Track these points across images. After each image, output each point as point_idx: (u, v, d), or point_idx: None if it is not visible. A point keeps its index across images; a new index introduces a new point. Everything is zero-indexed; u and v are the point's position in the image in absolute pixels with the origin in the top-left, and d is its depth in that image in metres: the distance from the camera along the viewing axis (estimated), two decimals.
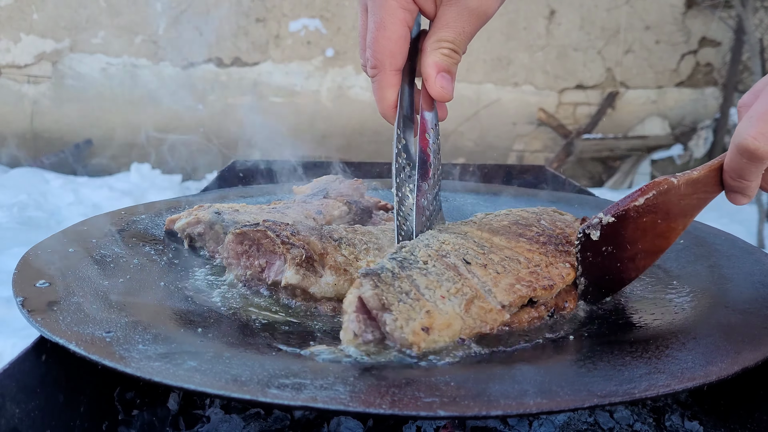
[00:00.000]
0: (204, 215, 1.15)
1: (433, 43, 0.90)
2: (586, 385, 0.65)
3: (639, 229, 0.89)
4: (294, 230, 0.98)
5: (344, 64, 6.15)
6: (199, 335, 0.78)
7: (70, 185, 5.55)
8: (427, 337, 0.76)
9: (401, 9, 0.89)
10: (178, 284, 0.99)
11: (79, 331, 0.75)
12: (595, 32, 6.15)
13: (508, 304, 0.84)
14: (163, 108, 5.95)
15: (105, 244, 1.08)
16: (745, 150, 0.79)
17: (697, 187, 0.88)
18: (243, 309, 0.93)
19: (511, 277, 0.87)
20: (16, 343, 2.81)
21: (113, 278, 0.95)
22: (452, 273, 0.85)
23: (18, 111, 5.96)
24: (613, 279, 0.93)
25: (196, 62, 6.09)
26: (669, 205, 0.88)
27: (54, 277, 0.91)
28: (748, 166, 0.81)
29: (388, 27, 0.89)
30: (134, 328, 0.77)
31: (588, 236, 0.90)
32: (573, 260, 0.93)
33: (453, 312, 0.80)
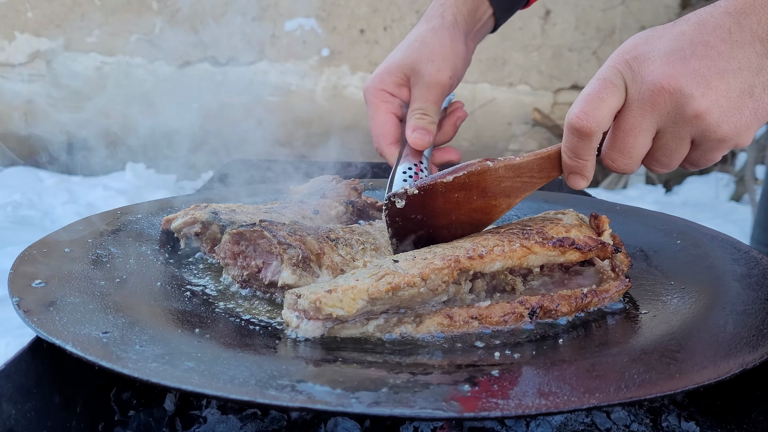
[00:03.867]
0: (200, 215, 1.15)
1: (409, 114, 1.25)
2: (585, 386, 0.65)
3: (450, 203, 0.97)
4: (290, 230, 0.97)
5: (340, 63, 6.14)
6: (196, 336, 0.78)
7: (64, 184, 5.53)
8: (328, 296, 0.80)
9: (383, 103, 1.27)
10: (175, 284, 0.99)
11: (75, 331, 0.74)
12: (591, 33, 6.15)
13: (419, 274, 0.85)
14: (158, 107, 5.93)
15: (101, 243, 1.07)
16: (572, 127, 0.89)
17: (521, 172, 0.97)
18: (240, 309, 0.93)
19: (435, 259, 0.89)
20: (10, 343, 2.79)
21: (109, 278, 0.94)
22: (374, 269, 0.89)
23: (12, 109, 5.93)
24: (426, 241, 1.01)
25: (191, 61, 6.07)
26: (485, 185, 0.96)
27: (50, 277, 0.91)
28: (578, 143, 0.90)
29: (376, 117, 1.27)
30: (131, 329, 0.77)
31: (393, 203, 0.98)
32: (529, 243, 0.94)
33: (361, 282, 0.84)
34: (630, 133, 0.87)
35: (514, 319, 0.87)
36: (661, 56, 0.84)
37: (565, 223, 1.08)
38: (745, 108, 0.84)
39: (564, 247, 0.98)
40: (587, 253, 1.00)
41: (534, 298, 0.89)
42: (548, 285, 0.99)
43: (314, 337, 0.81)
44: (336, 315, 0.82)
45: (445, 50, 1.26)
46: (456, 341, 0.84)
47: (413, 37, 1.29)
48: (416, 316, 0.86)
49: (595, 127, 0.87)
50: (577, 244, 0.99)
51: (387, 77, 1.27)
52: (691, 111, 0.83)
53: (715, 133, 0.85)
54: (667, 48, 0.84)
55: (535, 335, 0.86)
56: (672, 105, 0.84)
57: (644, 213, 1.35)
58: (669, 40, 0.85)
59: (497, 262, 0.93)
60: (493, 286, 0.98)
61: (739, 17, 0.83)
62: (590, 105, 0.87)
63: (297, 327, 0.82)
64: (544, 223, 1.06)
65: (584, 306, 0.93)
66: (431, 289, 0.88)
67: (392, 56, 1.30)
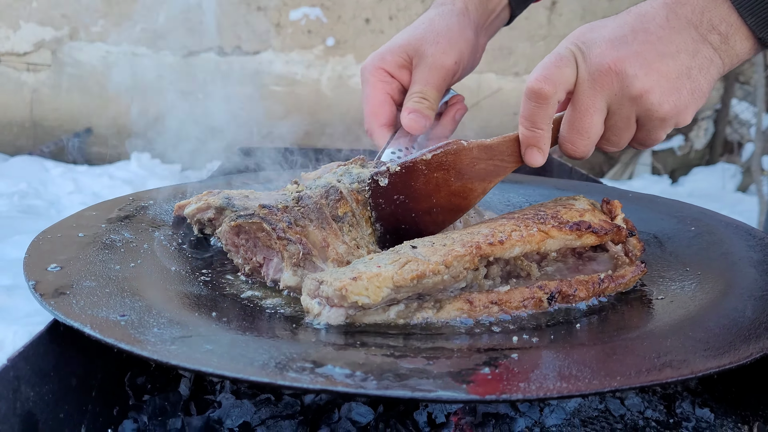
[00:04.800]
0: (213, 200, 1.14)
1: (407, 97, 1.20)
2: (605, 369, 0.65)
3: (431, 184, 0.98)
4: (291, 220, 0.96)
5: (345, 53, 6.12)
6: (213, 319, 0.78)
7: (69, 174, 5.53)
8: (354, 283, 0.80)
9: (380, 82, 1.21)
10: (189, 269, 0.99)
11: (93, 314, 0.74)
12: None
13: (442, 261, 0.85)
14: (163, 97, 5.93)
15: (114, 229, 1.07)
16: (531, 91, 0.92)
17: (493, 154, 0.99)
18: (259, 294, 0.93)
19: (455, 245, 0.89)
20: (17, 331, 2.81)
21: (124, 263, 0.94)
22: (393, 255, 0.88)
23: (17, 99, 5.94)
24: (410, 229, 1.01)
25: (196, 51, 6.06)
26: (461, 166, 0.98)
27: (65, 261, 0.91)
28: (536, 110, 0.93)
29: (371, 96, 1.21)
30: (148, 312, 0.77)
31: (377, 182, 0.98)
32: (546, 227, 0.95)
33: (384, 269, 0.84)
34: (586, 113, 0.93)
35: (533, 304, 0.87)
36: (606, 41, 0.90)
37: (578, 207, 1.07)
38: (683, 88, 0.90)
39: (581, 230, 0.98)
40: (603, 237, 1.00)
41: (552, 283, 0.89)
42: (563, 271, 0.99)
43: (336, 324, 0.81)
44: (361, 303, 0.81)
45: (452, 34, 1.22)
46: (474, 326, 0.84)
47: (420, 20, 1.26)
48: (436, 301, 0.85)
49: (553, 90, 0.91)
50: (594, 228, 0.99)
51: (388, 56, 1.22)
52: (635, 91, 0.90)
53: (657, 113, 0.91)
54: (611, 35, 0.91)
55: (552, 320, 0.86)
56: (618, 85, 0.90)
57: (657, 200, 1.35)
58: (612, 28, 0.92)
59: (516, 247, 0.93)
60: (507, 271, 0.97)
61: (675, 6, 0.90)
62: (548, 70, 0.91)
63: (318, 314, 0.81)
64: (557, 209, 1.06)
65: (601, 291, 0.92)
66: (453, 276, 0.88)
67: (396, 37, 1.25)
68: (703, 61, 0.90)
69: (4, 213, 4.61)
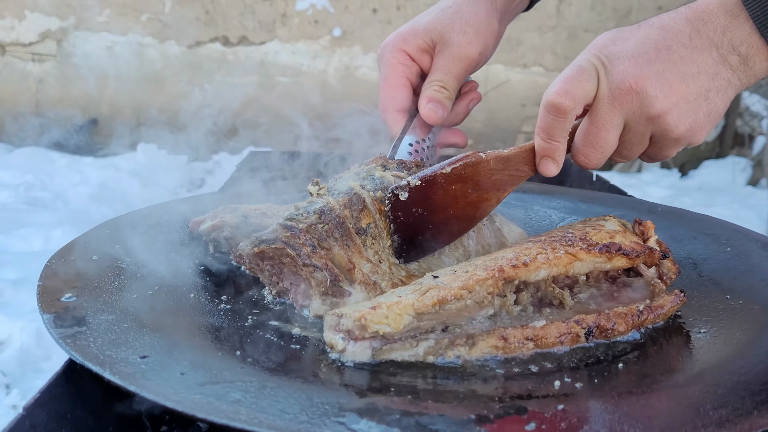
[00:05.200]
0: (230, 218, 1.11)
1: (426, 84, 1.16)
2: (660, 425, 0.61)
3: (449, 196, 0.97)
4: (315, 242, 0.92)
5: (352, 43, 6.06)
6: (237, 359, 0.74)
7: (75, 165, 5.50)
8: (373, 312, 0.77)
9: (400, 65, 1.17)
10: (208, 295, 0.95)
11: (112, 355, 0.70)
12: (607, 13, 6.04)
13: (463, 286, 0.82)
14: (168, 87, 5.88)
15: (129, 249, 1.03)
16: (551, 105, 0.90)
17: (508, 164, 0.98)
18: (277, 323, 0.89)
19: (477, 270, 0.86)
20: (24, 327, 2.78)
21: (142, 290, 0.90)
22: (415, 285, 0.86)
23: (23, 89, 5.89)
24: (427, 240, 1.00)
25: (202, 41, 6.00)
26: (478, 177, 0.97)
27: (79, 290, 0.87)
28: (554, 123, 0.92)
29: (389, 78, 1.17)
30: (170, 352, 0.73)
31: (396, 196, 0.96)
32: (574, 250, 0.92)
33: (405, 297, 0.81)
34: (603, 128, 0.92)
35: (570, 340, 0.83)
36: (629, 57, 0.89)
37: (608, 229, 1.03)
38: (700, 110, 0.91)
39: (611, 252, 0.94)
40: (634, 259, 0.96)
41: (590, 317, 0.85)
42: (597, 297, 0.95)
43: (362, 360, 0.77)
44: (383, 332, 0.78)
45: (480, 23, 1.18)
46: (510, 364, 0.79)
47: (447, 3, 1.20)
48: (468, 337, 0.81)
49: (573, 105, 0.90)
50: (624, 250, 0.95)
51: (411, 38, 1.17)
52: (654, 111, 0.89)
53: (673, 133, 0.92)
54: (634, 50, 0.89)
55: (591, 357, 0.82)
56: (638, 104, 0.89)
57: (687, 215, 1.30)
58: (636, 43, 0.90)
59: (542, 269, 0.89)
60: (539, 298, 0.94)
61: (698, 24, 0.89)
62: (569, 84, 0.90)
63: (343, 350, 0.78)
64: (586, 230, 1.02)
65: (640, 324, 0.88)
66: (477, 301, 0.84)
67: (420, 18, 1.20)
68: (721, 83, 0.90)
69: (10, 205, 4.58)
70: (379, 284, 0.92)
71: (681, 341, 0.86)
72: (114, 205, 4.70)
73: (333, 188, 1.01)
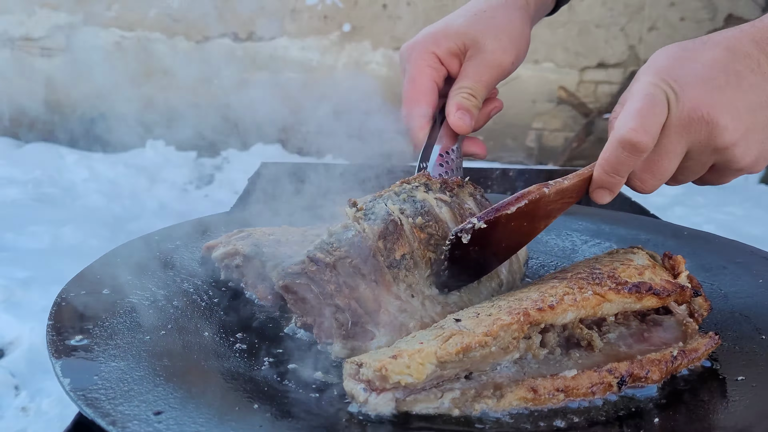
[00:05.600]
0: (243, 247, 1.07)
1: (455, 90, 1.11)
2: None
3: (506, 232, 0.94)
4: (341, 281, 0.88)
5: (361, 39, 6.01)
6: (256, 415, 0.70)
7: (84, 161, 5.48)
8: (394, 362, 0.74)
9: (429, 68, 1.11)
10: (223, 333, 0.92)
11: (124, 411, 0.67)
12: (618, 8, 5.96)
13: (488, 332, 0.78)
14: (177, 83, 5.85)
15: (140, 281, 1.00)
16: (627, 142, 0.85)
17: (565, 195, 0.95)
18: (294, 365, 0.86)
19: (501, 314, 0.83)
20: (34, 327, 2.77)
21: (154, 330, 0.87)
22: (437, 330, 0.83)
23: (32, 84, 5.87)
24: (475, 270, 0.98)
25: (211, 36, 5.97)
26: (536, 211, 0.94)
27: (90, 331, 0.84)
28: (626, 160, 0.87)
29: (417, 80, 1.11)
30: (185, 407, 0.70)
31: (459, 239, 0.92)
32: (603, 290, 0.88)
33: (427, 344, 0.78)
34: (666, 156, 0.88)
35: (602, 390, 0.79)
36: (699, 83, 0.85)
37: (637, 264, 1.00)
38: (767, 142, 0.88)
39: (641, 293, 0.90)
40: (665, 299, 0.92)
41: (623, 365, 0.81)
42: (626, 338, 0.91)
43: (385, 414, 0.74)
44: (404, 383, 0.74)
45: (514, 30, 1.13)
46: (536, 418, 0.76)
47: (480, 7, 1.15)
48: (495, 387, 0.78)
49: (651, 143, 0.85)
50: (655, 289, 0.91)
51: (443, 40, 1.12)
52: (721, 143, 0.86)
53: (737, 164, 0.89)
54: (703, 74, 0.85)
55: (623, 409, 0.78)
56: (706, 134, 0.86)
57: (715, 241, 1.26)
58: (704, 66, 0.86)
59: (569, 312, 0.86)
60: (565, 338, 0.90)
61: (765, 46, 0.86)
62: (646, 120, 0.85)
63: (365, 402, 0.74)
64: (613, 265, 0.98)
65: (674, 370, 0.84)
66: (502, 347, 0.81)
67: (452, 20, 1.15)
68: None
69: (19, 201, 4.58)
70: (406, 325, 0.88)
71: (717, 390, 0.82)
72: (123, 202, 4.69)
73: (371, 211, 0.96)
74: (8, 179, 4.92)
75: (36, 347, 2.69)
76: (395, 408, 0.75)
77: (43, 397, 2.38)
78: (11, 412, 2.35)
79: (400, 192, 1.00)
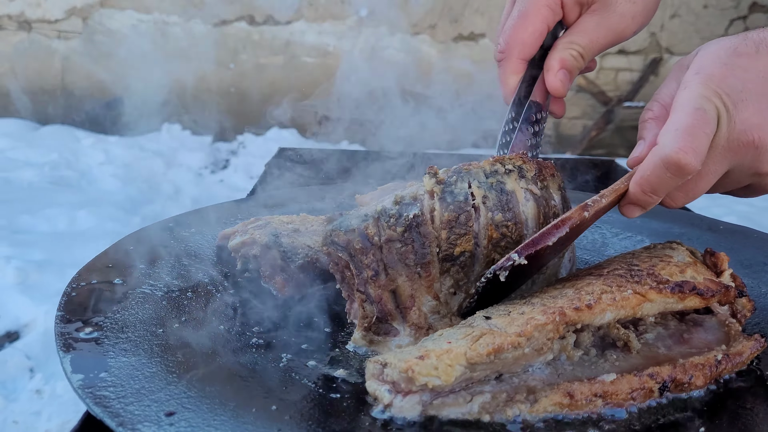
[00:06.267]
0: (260, 236, 1.03)
1: (565, 43, 0.96)
2: None
3: (545, 258, 0.88)
4: (380, 267, 0.82)
5: (379, 24, 5.93)
6: (274, 417, 0.66)
7: (101, 144, 5.47)
8: (421, 363, 0.69)
9: (546, 7, 0.96)
10: (239, 327, 0.87)
11: (134, 411, 0.63)
12: None
13: (521, 332, 0.73)
14: (193, 66, 5.81)
15: (154, 270, 0.96)
16: (673, 164, 0.78)
17: (602, 213, 0.88)
18: (312, 362, 0.81)
19: (534, 312, 0.77)
20: (48, 310, 2.75)
21: (168, 322, 0.83)
22: (466, 329, 0.77)
23: (48, 67, 5.86)
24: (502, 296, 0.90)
25: (227, 20, 5.91)
26: (574, 235, 0.88)
27: (101, 322, 0.80)
28: (669, 181, 0.81)
29: (530, 18, 0.96)
30: (199, 407, 0.65)
31: (497, 277, 0.83)
32: (643, 289, 0.82)
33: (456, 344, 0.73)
34: (704, 178, 0.83)
35: (642, 396, 0.74)
36: (752, 100, 0.79)
37: (677, 261, 0.94)
38: None
39: (684, 293, 0.84)
40: (709, 299, 0.87)
41: (665, 370, 0.76)
42: (665, 339, 0.86)
43: (411, 417, 0.69)
44: (432, 385, 0.70)
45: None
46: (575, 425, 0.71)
47: None
48: (529, 391, 0.73)
49: (699, 165, 0.78)
50: (699, 289, 0.85)
51: None
52: (765, 167, 0.82)
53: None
54: (757, 90, 0.79)
55: (664, 417, 0.73)
56: (751, 158, 0.81)
57: (754, 235, 1.20)
58: (758, 78, 0.80)
59: (608, 312, 0.80)
60: (600, 337, 0.85)
61: None
62: (696, 140, 0.78)
63: (390, 404, 0.70)
64: (652, 262, 0.92)
65: (718, 375, 0.79)
66: (536, 348, 0.76)
67: None
68: None
69: (35, 184, 4.57)
70: (434, 327, 0.83)
71: (762, 395, 0.77)
72: (138, 185, 4.68)
73: (450, 188, 0.86)
74: (25, 162, 4.92)
75: (51, 330, 2.67)
76: (422, 412, 0.70)
77: (58, 379, 2.37)
78: (26, 394, 2.34)
79: (491, 173, 0.89)
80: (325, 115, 1.71)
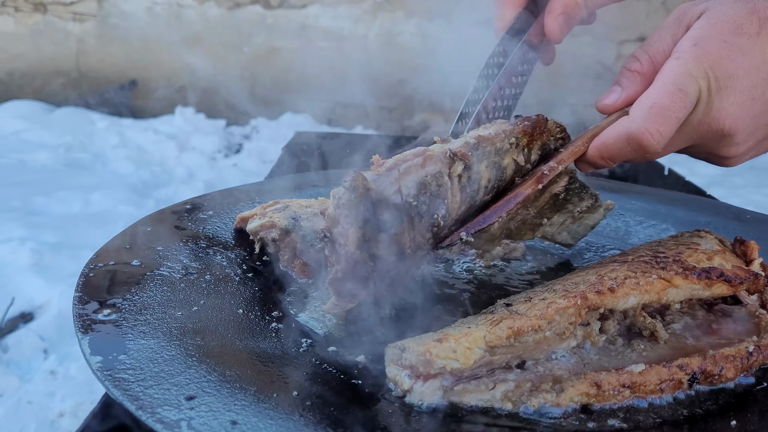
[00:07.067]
0: (280, 219, 1.01)
1: None
2: None
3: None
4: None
5: (394, 9, 5.88)
6: (296, 403, 0.65)
7: (115, 127, 5.48)
8: (439, 346, 0.68)
9: None
10: (258, 311, 0.86)
11: (154, 395, 0.62)
12: None
13: (542, 315, 0.72)
14: (207, 50, 5.79)
15: (171, 252, 0.95)
16: (636, 141, 0.78)
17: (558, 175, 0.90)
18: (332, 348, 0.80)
19: (556, 297, 0.76)
20: (63, 291, 2.76)
21: (186, 305, 0.82)
22: (486, 315, 0.77)
23: (63, 49, 5.87)
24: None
25: (242, 3, 5.88)
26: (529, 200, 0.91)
27: (119, 305, 0.79)
28: (628, 154, 0.82)
29: None
30: (219, 391, 0.64)
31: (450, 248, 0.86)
32: (669, 275, 0.81)
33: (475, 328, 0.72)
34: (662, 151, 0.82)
35: (671, 387, 0.72)
36: (738, 91, 0.78)
37: (705, 248, 0.92)
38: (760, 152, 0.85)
39: (711, 279, 0.82)
40: (737, 287, 0.85)
41: (695, 361, 0.74)
42: (693, 329, 0.84)
43: (431, 404, 0.68)
44: (450, 368, 0.68)
45: None
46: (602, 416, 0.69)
47: None
48: (554, 381, 0.71)
49: (660, 149, 0.79)
50: (727, 276, 0.83)
51: None
52: (725, 152, 0.83)
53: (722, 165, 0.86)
54: (748, 80, 0.77)
55: (694, 410, 0.71)
56: (716, 142, 0.82)
57: None
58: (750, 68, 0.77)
59: (631, 296, 0.79)
60: (626, 326, 0.83)
61: None
62: (666, 124, 0.77)
63: (410, 390, 0.68)
64: (679, 249, 0.90)
65: (749, 366, 0.77)
66: (557, 333, 0.74)
67: None
68: None
69: (50, 166, 4.59)
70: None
71: None
72: (151, 168, 4.68)
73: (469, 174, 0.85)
74: (39, 144, 4.93)
75: (65, 312, 2.68)
76: (443, 397, 0.69)
77: (72, 361, 2.38)
78: (40, 375, 2.35)
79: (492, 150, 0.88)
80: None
